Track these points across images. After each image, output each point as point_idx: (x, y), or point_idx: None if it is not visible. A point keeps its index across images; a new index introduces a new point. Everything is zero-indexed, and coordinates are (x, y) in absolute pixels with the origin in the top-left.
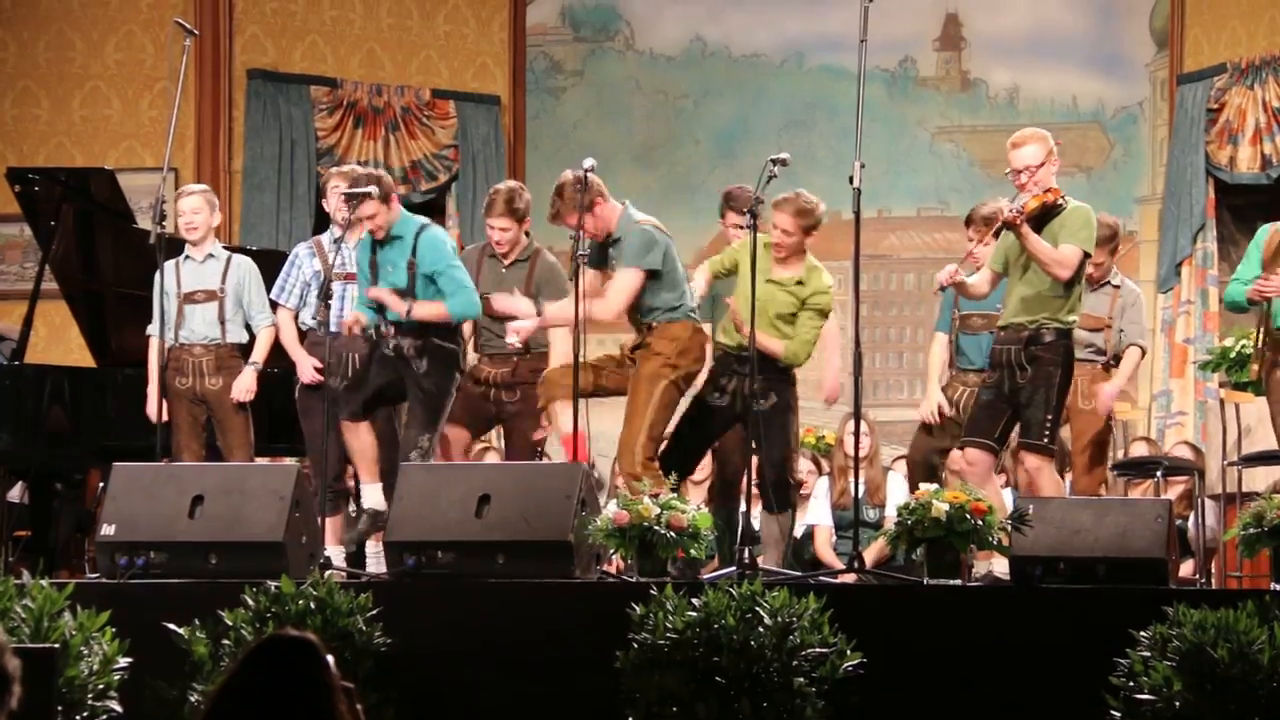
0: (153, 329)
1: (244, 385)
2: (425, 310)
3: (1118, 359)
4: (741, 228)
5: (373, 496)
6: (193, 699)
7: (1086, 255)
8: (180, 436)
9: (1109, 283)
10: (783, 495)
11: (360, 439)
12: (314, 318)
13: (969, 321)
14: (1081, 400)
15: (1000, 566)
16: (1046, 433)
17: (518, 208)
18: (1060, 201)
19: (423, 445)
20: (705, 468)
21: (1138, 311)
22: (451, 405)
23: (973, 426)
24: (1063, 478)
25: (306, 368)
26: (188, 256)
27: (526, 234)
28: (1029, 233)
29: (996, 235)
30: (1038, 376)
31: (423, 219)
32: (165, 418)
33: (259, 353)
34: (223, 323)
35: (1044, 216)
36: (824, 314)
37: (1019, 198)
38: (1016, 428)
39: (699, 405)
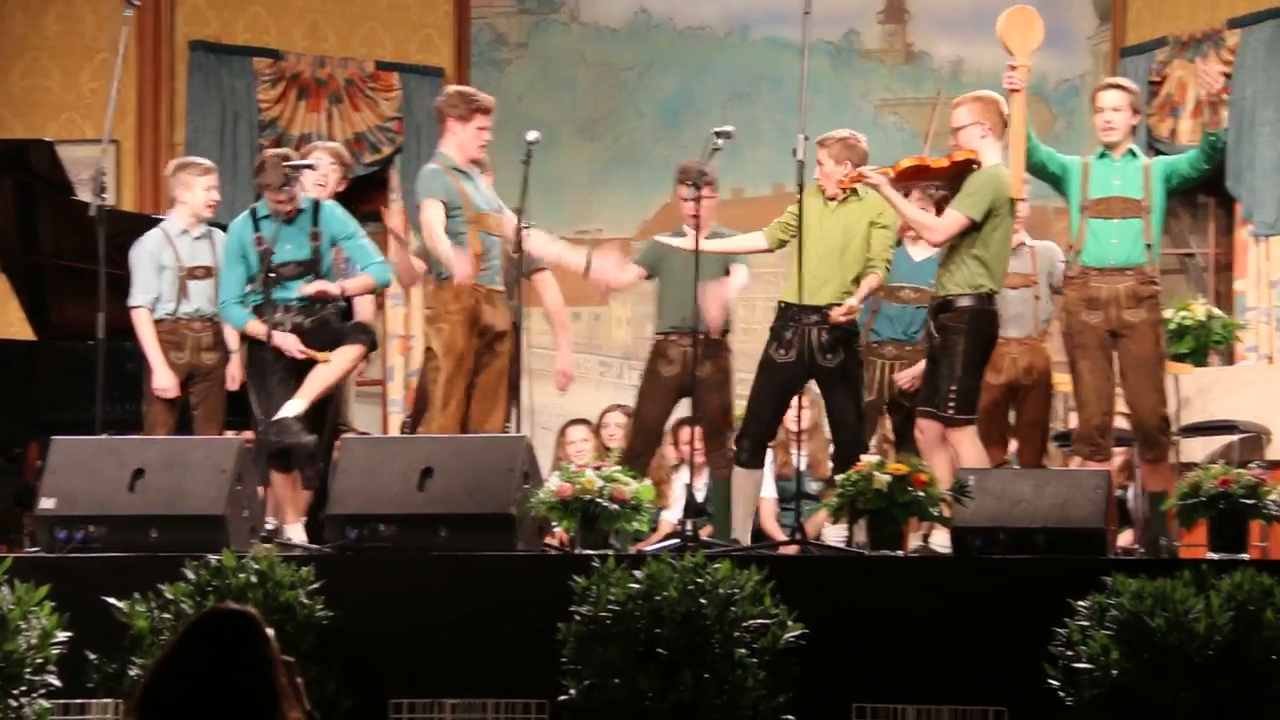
0: (143, 300)
1: (234, 375)
2: (354, 285)
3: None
4: (687, 199)
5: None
6: (132, 673)
7: (973, 222)
8: (162, 410)
9: (1023, 244)
10: (853, 460)
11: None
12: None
13: (898, 293)
14: (1024, 377)
15: (939, 538)
16: (951, 403)
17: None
18: (974, 164)
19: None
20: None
21: (1057, 265)
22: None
23: (921, 395)
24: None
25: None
26: (184, 231)
27: None
28: (890, 194)
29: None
30: (945, 345)
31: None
32: (179, 393)
33: (235, 339)
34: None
35: (960, 180)
36: (889, 227)
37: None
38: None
39: (765, 365)
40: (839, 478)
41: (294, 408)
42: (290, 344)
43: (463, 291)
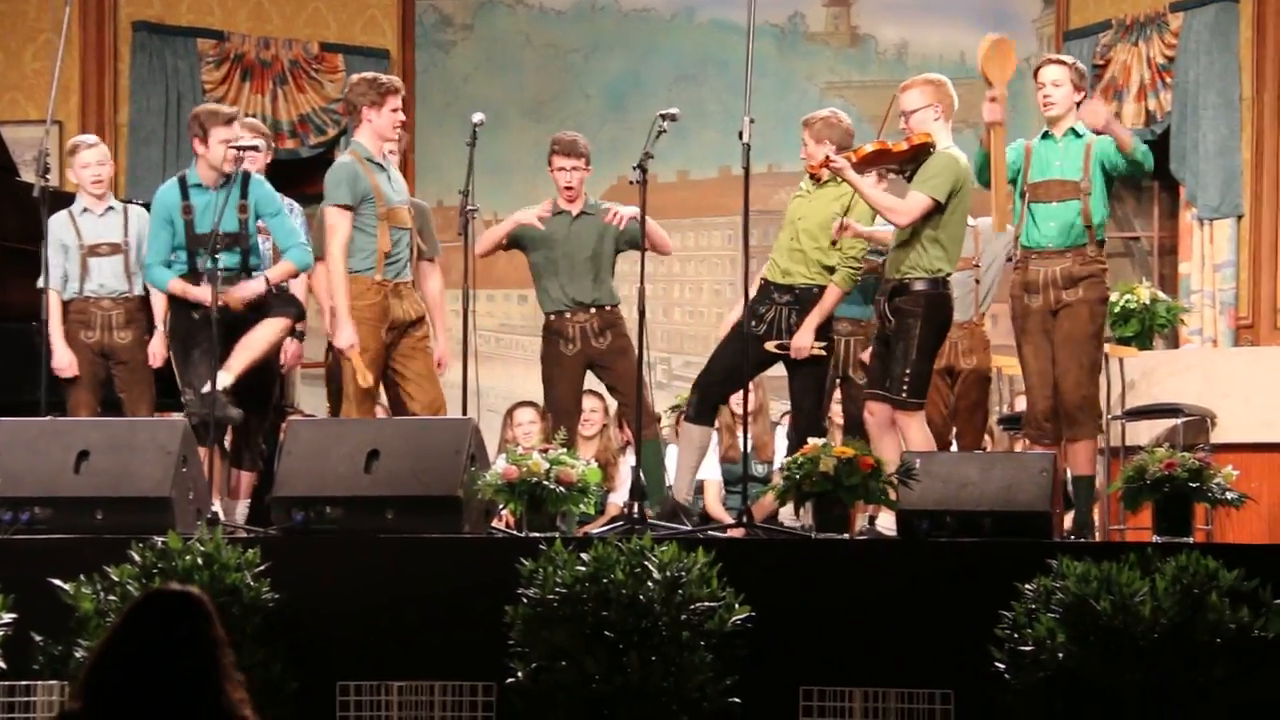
0: (48, 282)
1: (158, 353)
2: (276, 273)
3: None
4: (558, 170)
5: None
6: (78, 655)
7: (937, 203)
8: (79, 391)
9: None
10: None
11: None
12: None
13: None
14: (963, 359)
15: (885, 521)
16: (905, 386)
17: None
18: (930, 148)
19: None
20: (596, 422)
21: (996, 245)
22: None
23: (869, 377)
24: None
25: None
26: (86, 209)
27: None
28: (855, 178)
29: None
30: (899, 329)
31: None
32: (76, 372)
33: (160, 315)
34: (129, 275)
35: (916, 162)
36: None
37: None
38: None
39: (735, 333)
40: (785, 460)
41: (222, 380)
42: (207, 296)
43: (369, 288)
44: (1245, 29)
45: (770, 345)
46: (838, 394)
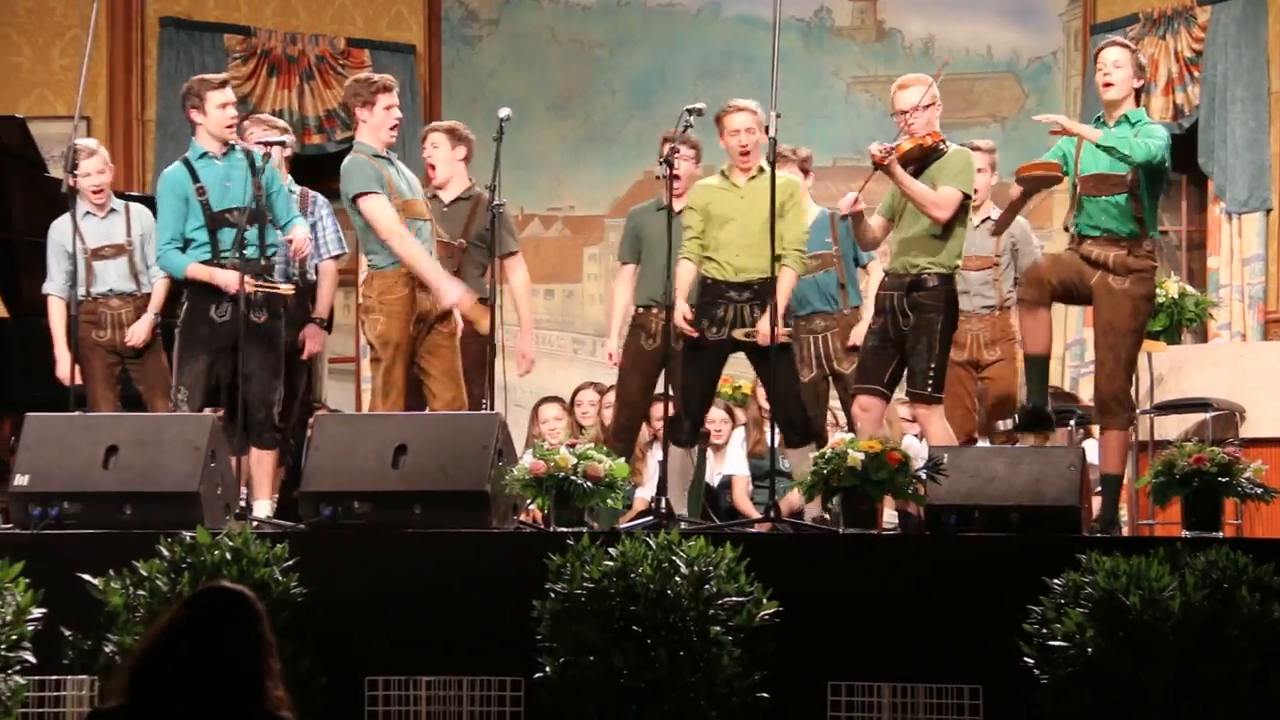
0: (52, 287)
1: (138, 332)
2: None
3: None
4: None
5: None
6: (108, 649)
7: (966, 197)
8: (97, 388)
9: (989, 218)
10: (806, 429)
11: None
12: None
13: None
14: (985, 351)
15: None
16: (930, 381)
17: (455, 129)
18: (941, 145)
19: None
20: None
21: (1032, 246)
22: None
23: (863, 373)
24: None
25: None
26: (88, 213)
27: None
28: (900, 173)
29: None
30: (920, 324)
31: None
32: (78, 380)
33: (157, 303)
34: (136, 275)
35: (925, 160)
36: (802, 210)
37: (898, 139)
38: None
39: (696, 344)
40: (814, 455)
41: (262, 510)
42: (248, 282)
43: (397, 281)
44: (1274, 22)
45: (739, 333)
46: (833, 391)
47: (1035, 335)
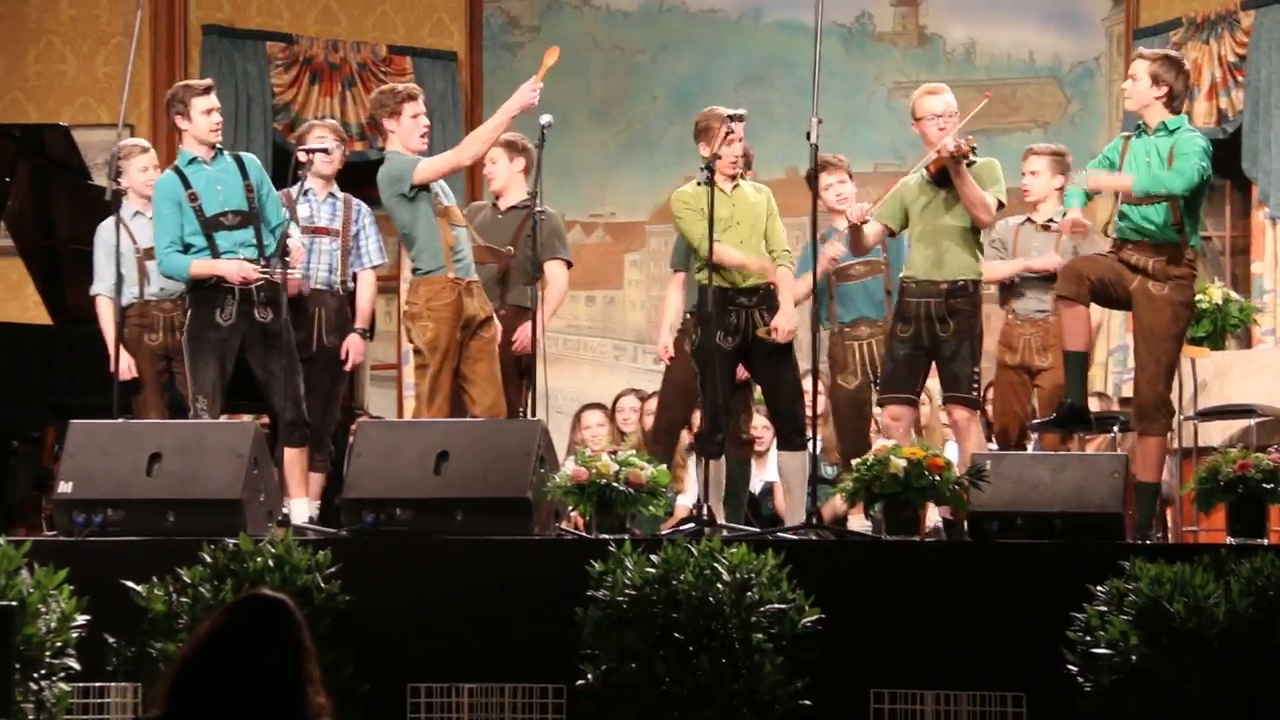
0: (101, 288)
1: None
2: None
3: None
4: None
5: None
6: (151, 656)
7: (1001, 205)
8: (146, 393)
9: (1052, 220)
10: (803, 432)
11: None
12: (272, 272)
13: (849, 271)
14: (1037, 357)
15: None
16: (975, 386)
17: (513, 141)
18: (971, 155)
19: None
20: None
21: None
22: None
23: (895, 383)
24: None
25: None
26: (137, 213)
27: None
28: (965, 171)
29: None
30: (961, 329)
31: None
32: (134, 373)
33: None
34: None
35: (940, 170)
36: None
37: (947, 140)
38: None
39: (710, 355)
40: (856, 461)
41: (301, 511)
42: (249, 270)
43: (444, 287)
44: None
45: (760, 331)
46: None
47: (1074, 331)
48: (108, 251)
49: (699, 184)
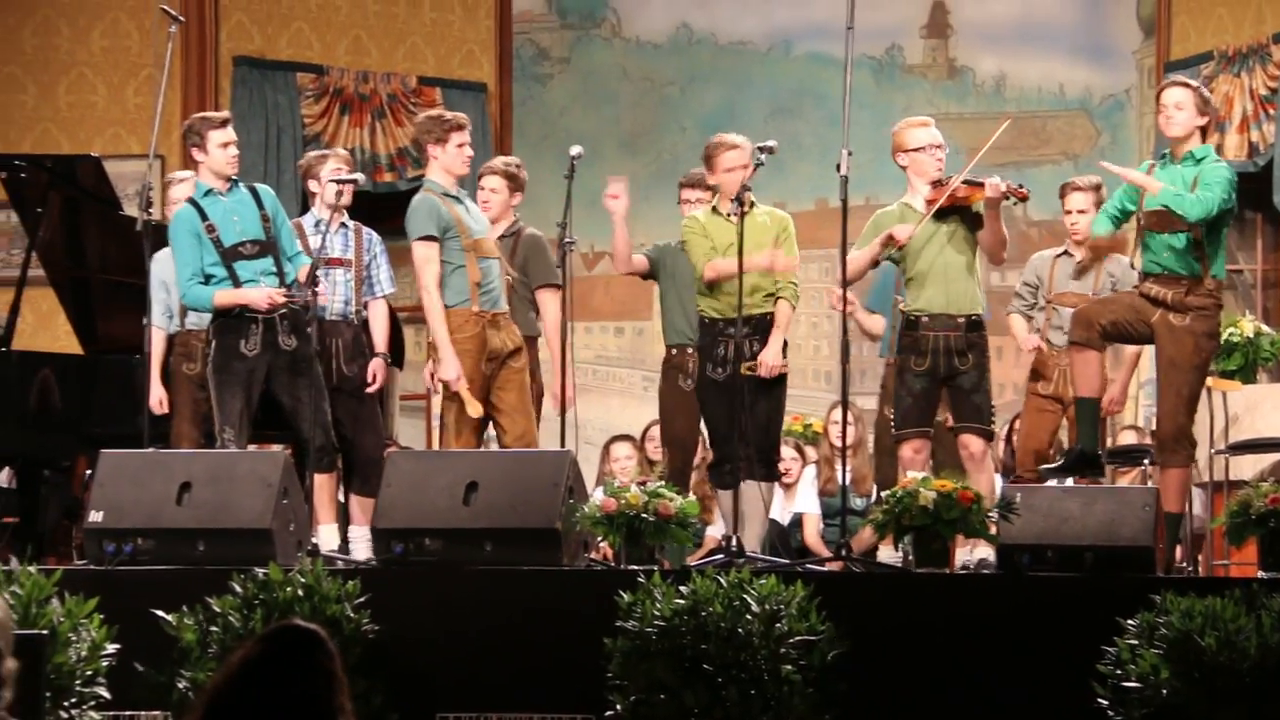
0: (150, 318)
1: (161, 396)
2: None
3: None
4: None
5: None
6: (181, 685)
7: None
8: (182, 423)
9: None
10: (772, 465)
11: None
12: (299, 299)
13: None
14: (1070, 386)
15: (983, 553)
16: (993, 417)
17: (515, 174)
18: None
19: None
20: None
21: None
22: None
23: (914, 416)
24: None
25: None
26: None
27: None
28: (999, 213)
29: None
30: (979, 361)
31: None
32: (166, 409)
33: (159, 359)
34: None
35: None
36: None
37: (996, 179)
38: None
39: (708, 387)
40: (884, 494)
41: (330, 539)
42: (277, 296)
43: (467, 320)
44: None
45: (744, 367)
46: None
47: (1085, 377)
48: (157, 283)
49: (725, 212)
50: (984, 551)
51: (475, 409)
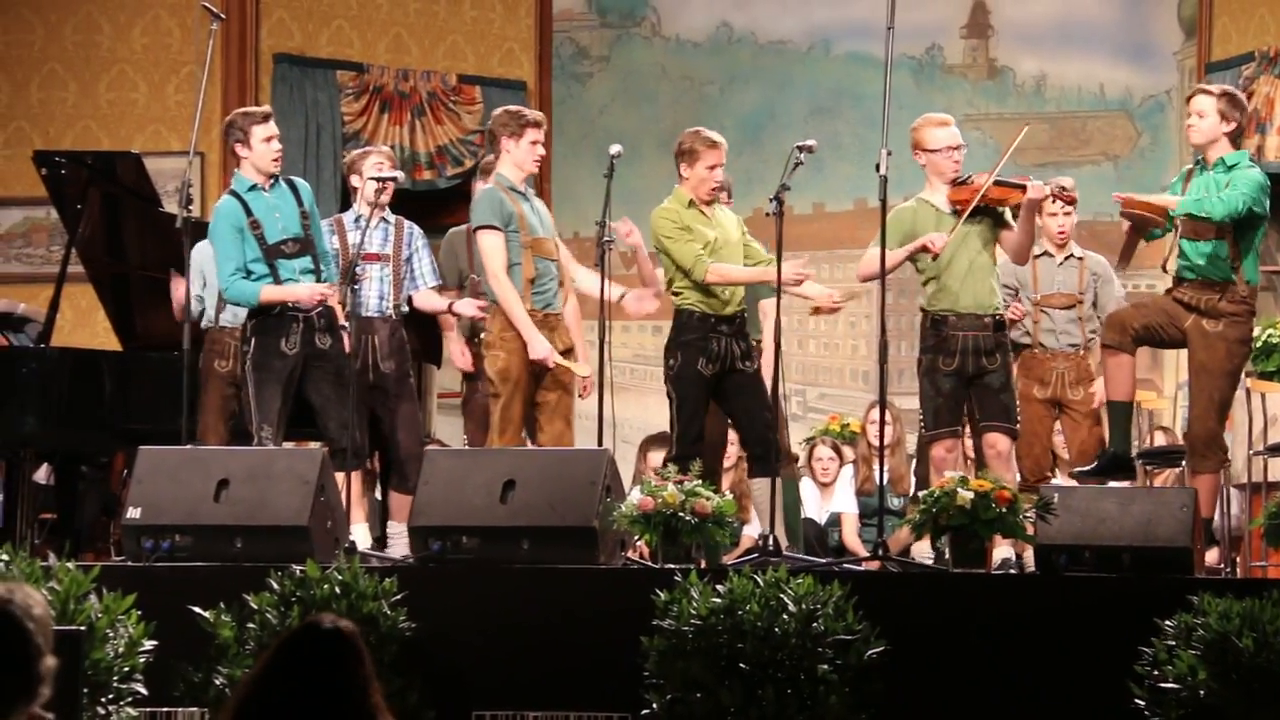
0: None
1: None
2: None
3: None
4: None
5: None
6: (218, 682)
7: None
8: (209, 418)
9: (1072, 255)
10: (770, 456)
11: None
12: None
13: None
14: (1070, 391)
15: (1004, 553)
16: (1019, 416)
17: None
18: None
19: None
20: (732, 454)
21: (1113, 286)
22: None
23: (945, 416)
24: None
25: None
26: None
27: None
28: (1035, 214)
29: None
30: (1005, 361)
31: None
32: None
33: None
34: None
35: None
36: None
37: (1040, 182)
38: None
39: (693, 381)
40: (922, 494)
41: (363, 538)
42: (324, 292)
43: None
44: None
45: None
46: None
47: (1117, 381)
48: (197, 277)
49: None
50: (1005, 551)
51: (584, 369)
